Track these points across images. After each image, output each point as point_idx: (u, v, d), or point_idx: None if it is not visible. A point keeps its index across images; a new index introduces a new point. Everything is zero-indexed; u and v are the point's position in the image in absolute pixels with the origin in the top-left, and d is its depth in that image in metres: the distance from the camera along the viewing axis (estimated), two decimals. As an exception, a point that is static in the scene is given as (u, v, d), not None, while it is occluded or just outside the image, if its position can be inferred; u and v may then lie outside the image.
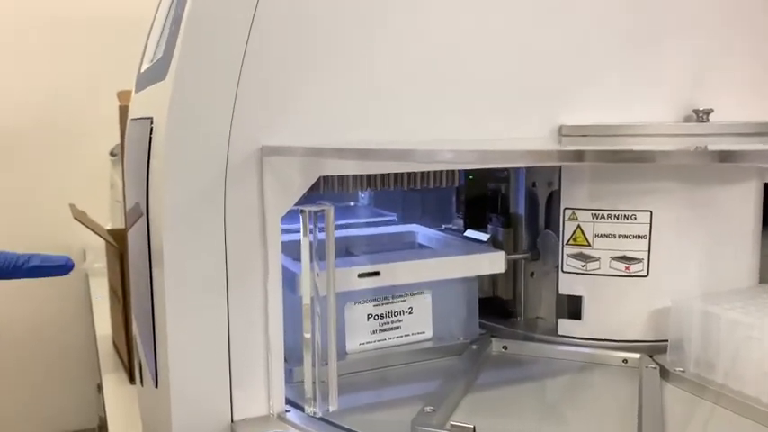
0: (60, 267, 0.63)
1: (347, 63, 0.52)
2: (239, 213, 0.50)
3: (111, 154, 1.87)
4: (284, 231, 0.52)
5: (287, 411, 0.53)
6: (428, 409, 0.51)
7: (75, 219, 1.33)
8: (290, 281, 0.55)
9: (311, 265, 0.47)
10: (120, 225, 1.82)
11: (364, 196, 0.90)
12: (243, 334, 0.51)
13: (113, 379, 1.23)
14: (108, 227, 1.33)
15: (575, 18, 0.60)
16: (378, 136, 0.53)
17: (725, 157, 0.38)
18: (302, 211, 0.46)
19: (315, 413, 0.49)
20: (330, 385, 0.48)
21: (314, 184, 0.52)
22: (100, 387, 1.68)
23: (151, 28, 0.80)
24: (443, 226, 0.80)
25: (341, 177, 0.54)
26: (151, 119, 0.54)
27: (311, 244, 0.47)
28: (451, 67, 0.56)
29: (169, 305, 0.49)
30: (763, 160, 0.49)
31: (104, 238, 1.27)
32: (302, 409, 0.53)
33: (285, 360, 0.52)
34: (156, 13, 0.79)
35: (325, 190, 0.53)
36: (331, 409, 0.48)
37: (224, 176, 0.49)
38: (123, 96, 1.28)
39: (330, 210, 0.46)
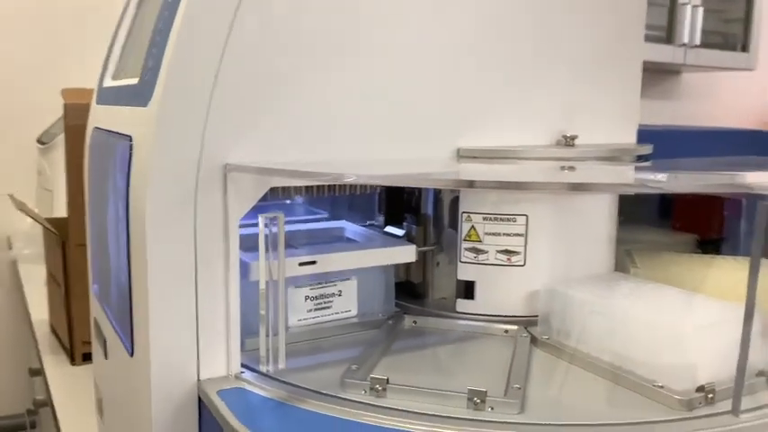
0: None
1: (292, 96, 0.66)
2: (207, 217, 0.63)
3: (39, 141, 1.92)
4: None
5: (242, 372, 0.67)
6: (353, 367, 0.66)
7: (19, 209, 1.40)
8: (242, 269, 0.68)
9: (267, 257, 0.62)
10: (47, 211, 1.88)
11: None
12: (208, 311, 0.65)
13: (53, 361, 1.31)
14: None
15: (469, 60, 0.76)
16: (318, 155, 0.68)
17: (576, 187, 0.56)
18: (260, 217, 0.60)
19: (268, 371, 0.63)
20: (279, 349, 0.62)
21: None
22: (33, 371, 1.73)
23: (112, 43, 0.90)
24: (367, 222, 0.96)
25: (287, 187, 0.68)
26: (130, 137, 0.66)
27: (266, 241, 0.61)
28: (377, 97, 0.71)
29: (150, 289, 0.62)
30: (604, 190, 0.68)
31: (46, 227, 1.35)
32: (254, 371, 0.67)
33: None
34: (118, 28, 0.90)
35: (274, 196, 0.67)
36: (280, 366, 0.63)
37: (195, 188, 0.62)
38: (68, 94, 1.36)
39: (281, 216, 0.61)
